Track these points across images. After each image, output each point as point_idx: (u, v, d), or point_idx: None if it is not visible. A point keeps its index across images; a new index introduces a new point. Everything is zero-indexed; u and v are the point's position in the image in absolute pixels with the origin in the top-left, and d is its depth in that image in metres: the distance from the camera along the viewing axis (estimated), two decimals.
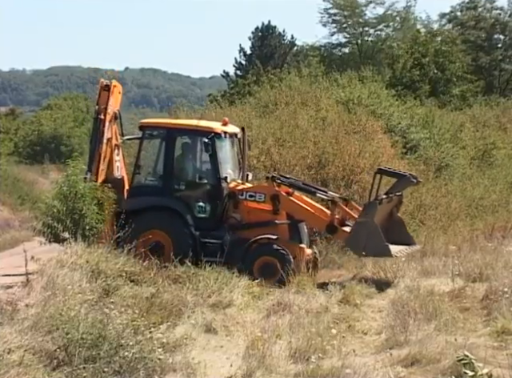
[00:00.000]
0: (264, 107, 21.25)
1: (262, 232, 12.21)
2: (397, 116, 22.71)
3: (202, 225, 12.39)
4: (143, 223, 12.18)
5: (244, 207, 12.55)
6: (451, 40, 38.40)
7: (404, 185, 12.84)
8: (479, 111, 30.94)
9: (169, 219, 12.31)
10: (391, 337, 8.41)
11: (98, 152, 12.61)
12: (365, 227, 11.85)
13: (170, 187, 12.57)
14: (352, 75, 26.80)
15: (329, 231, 12.55)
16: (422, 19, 46.68)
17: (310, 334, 8.27)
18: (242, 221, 12.50)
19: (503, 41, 47.99)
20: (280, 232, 12.31)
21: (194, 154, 13.06)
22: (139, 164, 12.89)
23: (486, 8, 47.90)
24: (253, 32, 46.72)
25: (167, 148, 12.70)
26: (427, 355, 7.49)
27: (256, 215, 12.48)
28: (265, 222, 12.35)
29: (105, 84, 12.86)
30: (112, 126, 12.86)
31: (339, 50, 45.54)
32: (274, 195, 12.45)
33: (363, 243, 11.81)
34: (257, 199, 12.53)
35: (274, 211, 12.43)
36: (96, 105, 12.90)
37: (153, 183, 12.94)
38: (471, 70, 40.73)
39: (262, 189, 12.71)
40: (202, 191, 12.65)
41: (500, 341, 8.25)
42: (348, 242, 12.30)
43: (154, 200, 12.47)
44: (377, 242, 11.75)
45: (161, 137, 12.99)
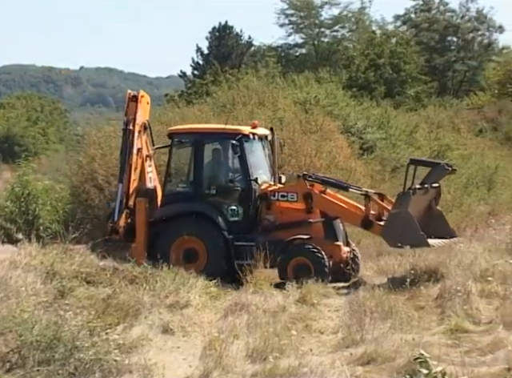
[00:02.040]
0: (222, 107, 21.23)
1: (296, 232, 12.08)
2: (353, 117, 22.91)
3: (234, 228, 12.26)
4: (175, 230, 12.14)
5: (277, 207, 12.43)
6: (406, 41, 38.88)
7: (439, 174, 12.43)
8: (433, 112, 31.40)
9: (201, 225, 12.20)
10: (347, 336, 8.47)
11: (129, 163, 12.54)
12: (399, 218, 11.65)
13: (201, 193, 12.49)
14: (309, 76, 26.96)
15: (364, 226, 12.37)
16: (377, 21, 47.22)
17: (267, 334, 8.27)
18: (275, 222, 12.39)
19: (456, 43, 48.79)
20: (314, 231, 12.17)
21: (224, 158, 12.89)
22: (170, 172, 12.85)
23: (440, 10, 48.67)
24: (210, 32, 46.67)
25: (196, 153, 12.61)
26: (383, 354, 7.56)
27: (289, 215, 12.36)
28: (299, 221, 12.23)
29: (132, 95, 12.83)
30: (142, 136, 12.82)
31: (296, 50, 45.78)
32: (307, 193, 12.33)
33: (398, 234, 11.53)
34: (289, 198, 12.41)
35: (307, 209, 12.30)
36: (124, 116, 12.84)
37: (184, 190, 12.84)
38: (425, 71, 41.32)
39: (294, 188, 12.59)
40: (234, 194, 12.54)
41: (453, 339, 8.38)
42: (383, 233, 12.04)
43: (186, 206, 12.37)
44: (412, 232, 11.53)
45: (189, 143, 12.88)
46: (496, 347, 7.75)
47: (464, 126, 31.26)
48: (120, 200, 12.47)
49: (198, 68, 44.97)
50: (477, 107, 36.87)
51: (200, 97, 27.16)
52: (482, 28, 49.17)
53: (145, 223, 12.36)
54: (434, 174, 12.27)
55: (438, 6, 48.91)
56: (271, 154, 13.15)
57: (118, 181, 12.69)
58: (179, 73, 46.83)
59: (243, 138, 12.34)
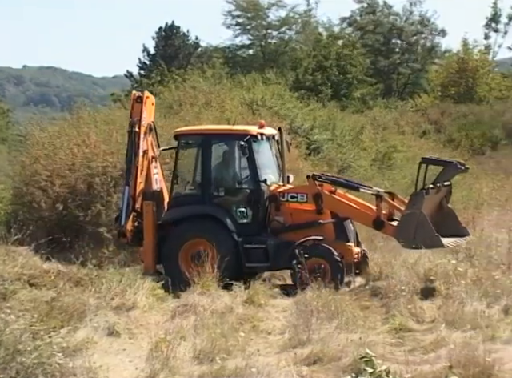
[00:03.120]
0: (168, 108, 21.08)
1: (306, 234, 11.80)
2: (300, 118, 23.03)
3: (243, 231, 12.00)
4: (184, 232, 11.96)
5: (286, 208, 12.21)
6: (352, 44, 39.31)
7: (452, 173, 12.31)
8: (379, 114, 31.81)
9: (210, 227, 11.98)
10: (294, 336, 8.51)
11: (135, 165, 12.29)
12: (413, 219, 11.45)
13: (210, 195, 12.23)
14: (256, 77, 27.01)
15: (376, 227, 12.11)
16: (324, 22, 47.64)
17: (214, 335, 8.26)
18: (285, 223, 12.16)
19: (400, 45, 49.55)
20: (325, 232, 11.93)
21: (232, 159, 12.56)
22: (177, 174, 12.55)
23: (384, 13, 49.36)
24: (156, 32, 46.42)
25: (204, 155, 12.35)
26: (329, 354, 7.63)
27: (299, 216, 12.13)
28: (309, 222, 11.99)
29: (137, 96, 12.58)
30: (147, 138, 12.56)
31: (243, 51, 45.86)
32: (317, 194, 12.08)
33: (412, 235, 11.35)
34: (299, 199, 12.19)
35: (317, 210, 12.06)
36: (130, 117, 12.58)
37: (192, 192, 12.60)
38: (371, 73, 41.83)
39: (304, 189, 12.34)
40: (242, 195, 12.29)
41: (398, 338, 8.52)
42: (397, 234, 11.77)
43: (194, 209, 12.12)
44: (427, 233, 11.35)
45: (196, 144, 12.62)
46: (438, 346, 7.90)
47: (408, 128, 31.76)
48: (127, 203, 12.24)
49: (144, 68, 44.69)
50: (421, 109, 37.50)
51: None
52: (426, 31, 50.10)
53: (153, 226, 12.12)
54: (447, 173, 12.13)
55: (383, 8, 49.63)
56: (278, 154, 12.99)
57: (124, 184, 12.43)
58: (125, 73, 46.50)
59: (251, 139, 12.14)
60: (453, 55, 45.11)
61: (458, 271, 10.78)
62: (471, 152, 31.38)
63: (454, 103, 37.55)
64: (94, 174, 14.50)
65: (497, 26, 50.56)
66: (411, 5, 49.79)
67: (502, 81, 42.07)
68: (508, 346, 7.79)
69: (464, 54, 42.08)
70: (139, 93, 12.75)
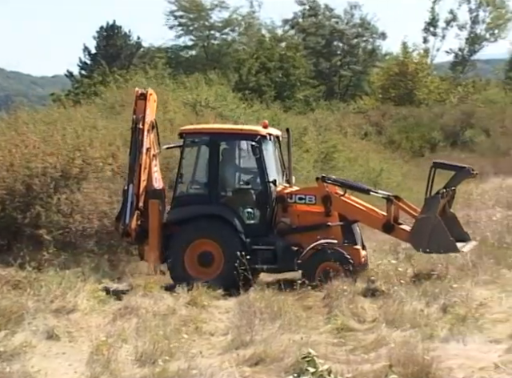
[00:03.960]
0: (111, 108, 20.85)
1: (314, 236, 11.65)
2: (244, 119, 23.05)
3: (251, 232, 11.82)
4: (190, 232, 11.75)
5: (293, 210, 12.04)
6: (295, 46, 39.60)
7: (463, 178, 12.31)
8: (321, 116, 32.08)
9: (218, 228, 11.77)
10: (237, 337, 8.51)
11: (139, 163, 12.02)
12: (428, 223, 11.37)
13: (217, 195, 12.04)
14: (199, 78, 26.94)
15: (385, 230, 11.95)
16: (267, 24, 47.85)
17: (156, 337, 8.19)
18: (291, 225, 12.00)
19: (341, 48, 50.16)
20: (333, 234, 11.77)
21: (240, 159, 12.46)
22: (182, 173, 12.27)
23: (326, 16, 49.90)
24: (98, 31, 45.85)
25: (211, 154, 12.13)
26: (271, 354, 7.65)
27: (306, 218, 11.98)
28: (317, 225, 11.84)
29: (140, 93, 12.30)
30: (150, 135, 12.29)
31: (186, 52, 45.73)
32: (326, 196, 11.94)
33: (427, 240, 11.29)
34: (307, 201, 12.04)
35: (325, 212, 11.92)
36: (133, 115, 12.29)
37: (198, 192, 12.37)
38: (313, 75, 42.20)
39: (312, 191, 12.19)
40: (250, 196, 12.13)
41: (339, 338, 8.59)
42: (411, 239, 11.65)
43: (202, 209, 11.91)
44: (442, 237, 11.31)
45: (204, 143, 12.35)
46: (379, 345, 8.00)
47: (350, 130, 32.13)
48: (131, 202, 11.99)
49: (85, 68, 44.10)
50: (362, 111, 38.02)
51: (88, 97, 26.62)
52: (366, 34, 50.85)
53: (158, 225, 11.92)
54: (458, 178, 12.14)
55: (324, 11, 50.18)
56: (281, 155, 12.90)
57: (127, 182, 12.16)
58: (66, 72, 45.81)
59: (261, 139, 12.04)
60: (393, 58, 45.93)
61: (398, 271, 10.96)
62: (411, 154, 32.00)
63: (395, 106, 38.20)
64: (33, 175, 14.21)
65: (435, 30, 51.77)
66: (352, 8, 50.56)
67: (441, 84, 43.00)
68: (446, 344, 7.93)
69: (404, 57, 42.86)
70: (142, 90, 12.53)
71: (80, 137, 15.34)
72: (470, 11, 52.47)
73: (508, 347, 7.72)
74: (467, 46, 52.57)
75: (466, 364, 7.24)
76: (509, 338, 8.01)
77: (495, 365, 7.16)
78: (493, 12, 52.34)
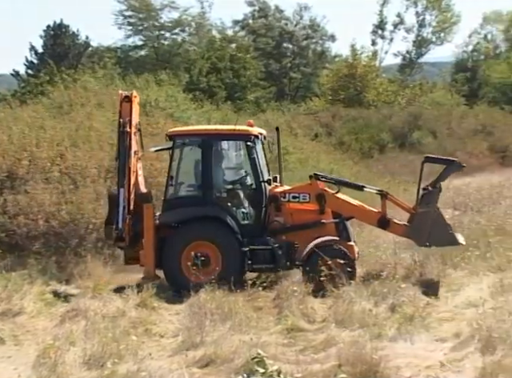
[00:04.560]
0: (58, 108, 20.56)
1: (308, 234, 11.63)
2: (194, 120, 23.01)
3: (246, 232, 11.74)
4: (187, 235, 11.59)
5: (287, 209, 11.96)
6: (245, 48, 39.67)
7: (453, 171, 12.24)
8: (272, 117, 32.18)
9: (214, 229, 11.64)
10: (187, 339, 8.48)
11: (128, 166, 11.80)
12: (428, 217, 11.43)
13: (211, 196, 11.89)
14: (149, 78, 26.78)
15: (381, 225, 11.97)
16: (217, 25, 47.81)
17: (105, 339, 8.11)
18: (285, 224, 11.93)
19: (291, 49, 50.45)
20: (327, 232, 11.72)
21: (234, 160, 12.42)
22: (172, 175, 12.04)
23: (276, 17, 50.12)
24: (44, 30, 45.15)
25: (204, 156, 11.93)
26: (222, 355, 7.64)
27: (300, 216, 11.91)
28: (311, 223, 11.81)
29: (124, 95, 12.08)
30: (135, 138, 12.12)
31: (136, 52, 45.37)
32: (320, 194, 11.94)
33: (427, 234, 11.33)
34: (301, 199, 11.97)
35: (319, 210, 11.89)
36: (119, 118, 12.04)
37: (191, 194, 12.17)
38: (264, 76, 42.32)
39: (306, 189, 12.11)
40: (245, 196, 12.09)
41: (289, 338, 8.64)
42: (411, 233, 11.67)
43: (198, 210, 11.75)
44: (442, 231, 11.39)
45: (196, 145, 12.18)
46: (328, 345, 8.06)
47: (301, 131, 32.31)
48: (123, 206, 11.78)
49: (32, 67, 43.35)
50: (312, 112, 38.26)
51: (35, 97, 26.20)
52: (316, 36, 51.26)
53: (153, 229, 11.70)
54: (448, 171, 12.08)
55: (274, 13, 50.39)
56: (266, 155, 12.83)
57: (118, 185, 11.92)
58: (12, 72, 44.95)
59: (255, 139, 12.00)
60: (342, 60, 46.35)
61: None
62: (360, 155, 32.32)
63: (344, 107, 38.55)
64: None
65: (383, 33, 52.49)
66: (301, 9, 50.91)
67: (389, 86, 43.57)
68: (394, 343, 8.03)
69: (353, 59, 43.31)
70: (126, 92, 12.37)
71: (27, 137, 15.08)
72: (416, 14, 53.43)
73: (453, 345, 7.86)
74: (414, 48, 53.47)
75: (413, 363, 7.35)
76: (454, 336, 8.16)
77: (441, 363, 7.29)
78: (439, 15, 53.33)
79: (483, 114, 39.40)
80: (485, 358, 7.16)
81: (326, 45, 52.46)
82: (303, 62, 49.86)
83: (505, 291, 9.63)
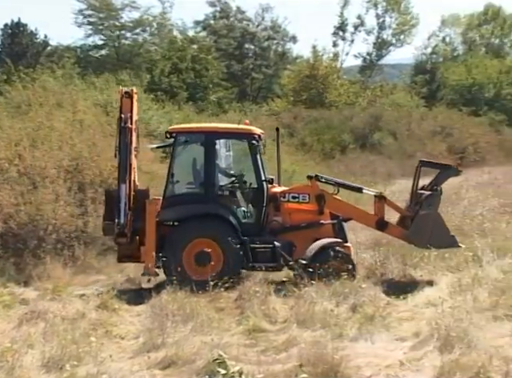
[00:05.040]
0: (17, 108, 20.26)
1: (306, 234, 11.76)
2: (156, 120, 22.89)
3: (247, 230, 11.73)
4: (189, 232, 11.50)
5: (285, 209, 12.03)
6: (207, 48, 39.59)
7: (450, 175, 12.41)
8: (234, 117, 32.13)
9: (216, 227, 11.60)
10: (149, 340, 8.42)
11: (129, 162, 11.67)
12: (429, 220, 11.60)
13: (213, 194, 11.84)
14: (109, 78, 26.56)
15: (379, 227, 12.13)
16: (178, 25, 47.62)
17: (64, 342, 8.01)
18: (284, 224, 11.98)
19: (253, 50, 50.51)
20: (325, 232, 11.83)
21: (235, 159, 12.43)
22: (173, 173, 11.91)
23: (237, 18, 50.13)
24: (2, 29, 44.53)
25: (207, 153, 11.90)
26: (183, 357, 7.61)
27: (298, 216, 11.99)
28: (310, 223, 11.91)
29: (125, 91, 11.92)
30: (134, 134, 12.00)
31: (96, 52, 44.95)
32: (320, 194, 12.06)
33: (428, 236, 11.47)
34: (300, 199, 12.07)
35: (318, 211, 11.99)
36: (120, 114, 11.87)
37: (193, 191, 12.10)
38: (226, 77, 42.30)
39: (306, 189, 12.19)
40: (247, 195, 12.09)
41: (251, 339, 8.63)
42: (412, 236, 11.81)
43: (200, 208, 11.68)
44: (443, 233, 11.60)
45: (198, 142, 12.12)
46: (290, 345, 8.08)
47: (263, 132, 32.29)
48: (125, 202, 11.65)
49: None
50: (274, 113, 38.33)
51: None
52: (277, 37, 51.40)
53: (155, 226, 11.55)
54: (445, 176, 12.28)
55: (236, 13, 50.40)
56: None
57: (119, 181, 11.76)
58: None
59: (258, 139, 12.12)
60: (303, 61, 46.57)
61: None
62: (322, 156, 32.48)
63: (306, 108, 38.71)
64: None
65: (344, 35, 52.91)
66: (263, 11, 50.99)
67: (350, 87, 43.90)
68: (354, 343, 8.09)
69: (314, 60, 43.54)
70: (126, 88, 12.21)
71: None
72: (377, 17, 53.95)
73: (413, 344, 7.95)
74: (375, 50, 53.98)
75: (373, 362, 7.41)
76: (414, 336, 8.25)
77: (400, 362, 7.37)
78: (398, 18, 53.92)
79: (442, 115, 39.96)
80: (443, 357, 7.25)
81: (287, 46, 52.69)
82: (265, 63, 49.95)
83: (463, 291, 9.77)
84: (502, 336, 7.94)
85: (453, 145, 36.20)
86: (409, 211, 12.12)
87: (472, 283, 10.14)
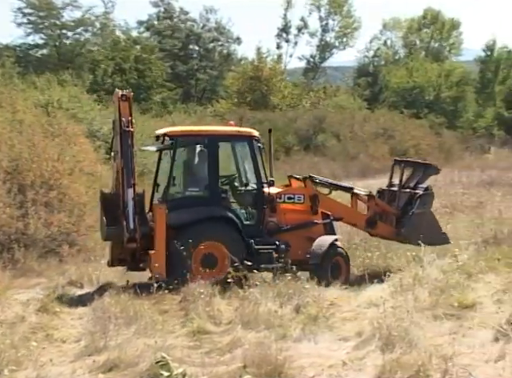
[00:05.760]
0: None
1: (300, 234, 12.01)
2: (99, 121, 22.64)
3: (249, 232, 11.80)
4: (198, 235, 11.37)
5: (281, 209, 12.18)
6: (150, 48, 39.32)
7: (431, 174, 12.95)
8: (178, 118, 32.06)
9: (222, 230, 11.58)
10: (90, 344, 8.30)
11: (133, 166, 11.43)
12: (423, 218, 12.13)
13: (218, 197, 11.82)
14: (51, 78, 26.17)
15: (368, 226, 12.53)
16: (121, 25, 47.17)
17: (3, 346, 7.83)
18: (279, 224, 12.11)
19: (198, 51, 50.40)
20: (318, 232, 12.12)
21: (237, 161, 12.47)
22: (174, 176, 11.82)
23: (181, 19, 49.93)
24: None
25: (211, 156, 11.87)
26: (126, 360, 7.53)
27: (293, 216, 12.20)
28: (303, 223, 12.18)
29: (121, 94, 11.59)
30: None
31: (36, 51, 44.16)
32: (314, 195, 12.37)
33: (422, 234, 11.61)
34: (296, 200, 12.33)
35: (313, 211, 12.26)
36: (121, 117, 11.55)
37: (196, 194, 12.01)
38: (170, 78, 42.11)
39: (301, 190, 12.47)
40: (248, 197, 12.17)
41: (195, 340, 8.60)
42: (407, 234, 12.19)
43: (207, 211, 11.62)
44: (435, 231, 12.16)
45: (201, 145, 12.07)
46: (234, 346, 8.08)
47: None
48: (133, 206, 11.39)
49: None
50: (219, 115, 38.32)
51: None
52: (222, 39, 51.42)
53: (165, 230, 11.37)
54: (427, 175, 12.79)
55: (180, 14, 50.20)
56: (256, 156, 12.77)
57: (125, 186, 11.44)
58: None
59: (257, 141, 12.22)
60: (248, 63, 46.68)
61: (253, 273, 11.15)
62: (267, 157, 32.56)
63: (251, 110, 38.81)
64: None
65: (288, 37, 53.28)
66: (207, 12, 50.94)
67: (294, 89, 44.20)
68: (298, 343, 8.13)
69: (258, 62, 43.69)
70: (122, 92, 11.91)
71: None
72: (320, 19, 54.46)
73: (355, 344, 8.03)
74: (318, 53, 54.45)
75: (316, 362, 7.46)
76: (356, 335, 8.33)
77: (343, 362, 7.43)
78: (341, 21, 54.54)
79: (384, 117, 40.54)
80: (385, 356, 7.34)
81: (232, 47, 52.74)
82: (210, 64, 49.90)
83: (404, 291, 9.91)
84: (442, 335, 8.08)
85: (395, 147, 36.75)
86: (396, 210, 12.57)
87: (413, 282, 10.30)
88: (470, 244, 12.89)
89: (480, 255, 11.98)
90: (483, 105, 51.27)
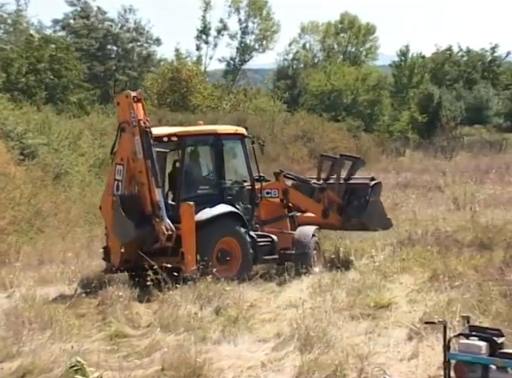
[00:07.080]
0: None
1: (275, 227, 12.69)
2: (12, 121, 22.03)
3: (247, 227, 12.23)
4: (216, 232, 11.70)
5: (262, 204, 12.76)
6: (66, 47, 38.49)
7: (359, 166, 14.02)
8: (97, 119, 31.49)
9: (235, 225, 11.96)
10: (3, 350, 8.07)
11: (155, 165, 11.48)
12: (376, 206, 13.29)
13: (225, 193, 12.25)
14: None
15: (324, 216, 13.24)
16: (35, 24, 46.10)
17: None
18: (260, 218, 12.71)
19: (116, 52, 49.71)
20: (286, 225, 12.91)
21: (239, 158, 12.86)
22: (182, 175, 12.01)
23: (98, 19, 49.14)
24: None
25: (217, 155, 12.32)
26: (40, 365, 7.36)
27: (269, 210, 12.91)
28: (278, 216, 12.96)
29: (133, 95, 11.49)
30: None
31: None
32: (285, 189, 13.12)
33: (377, 219, 13.17)
34: (272, 195, 13.06)
35: (285, 205, 13.04)
36: (138, 118, 11.48)
37: (207, 192, 12.41)
38: (87, 78, 41.38)
39: (276, 185, 13.15)
40: (246, 193, 12.60)
41: (113, 344, 8.47)
42: (365, 220, 13.09)
43: (220, 208, 11.90)
44: (384, 217, 13.45)
45: (207, 144, 12.58)
46: (153, 350, 8.01)
47: None
48: (164, 205, 11.41)
49: None
50: None
51: None
52: (141, 39, 50.87)
53: (194, 227, 11.36)
54: (356, 167, 13.83)
55: (97, 14, 49.37)
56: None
57: (154, 186, 11.35)
58: None
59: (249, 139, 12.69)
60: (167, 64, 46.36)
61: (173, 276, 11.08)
62: None
63: (171, 111, 38.51)
64: None
65: (207, 39, 53.22)
66: (126, 12, 50.31)
67: (214, 91, 44.16)
68: (218, 346, 8.13)
69: (177, 63, 43.45)
70: (133, 93, 11.72)
71: None
72: (239, 21, 54.61)
73: (274, 345, 8.09)
74: (238, 55, 54.59)
75: (236, 364, 7.47)
76: (275, 336, 8.39)
77: (262, 363, 7.47)
78: (261, 24, 54.85)
79: (304, 120, 40.92)
80: (303, 356, 7.42)
81: (151, 48, 52.23)
82: (129, 65, 49.28)
83: (322, 292, 10.06)
84: (358, 335, 8.23)
85: (314, 149, 37.13)
86: (341, 201, 13.45)
87: (331, 283, 10.46)
88: (386, 245, 13.21)
89: (395, 256, 12.29)
90: (398, 109, 52.41)
